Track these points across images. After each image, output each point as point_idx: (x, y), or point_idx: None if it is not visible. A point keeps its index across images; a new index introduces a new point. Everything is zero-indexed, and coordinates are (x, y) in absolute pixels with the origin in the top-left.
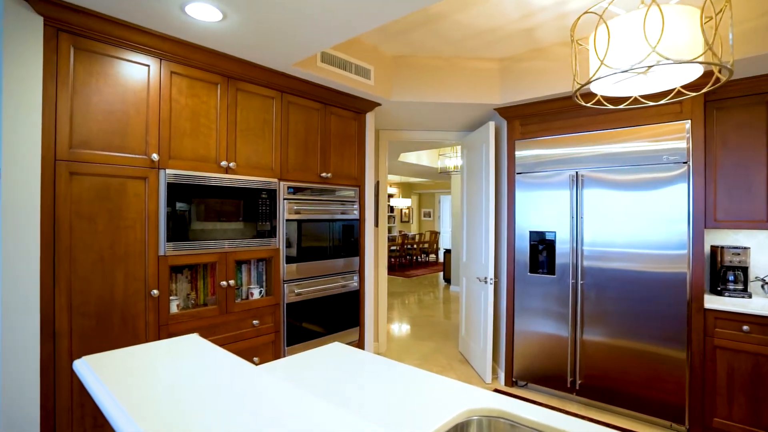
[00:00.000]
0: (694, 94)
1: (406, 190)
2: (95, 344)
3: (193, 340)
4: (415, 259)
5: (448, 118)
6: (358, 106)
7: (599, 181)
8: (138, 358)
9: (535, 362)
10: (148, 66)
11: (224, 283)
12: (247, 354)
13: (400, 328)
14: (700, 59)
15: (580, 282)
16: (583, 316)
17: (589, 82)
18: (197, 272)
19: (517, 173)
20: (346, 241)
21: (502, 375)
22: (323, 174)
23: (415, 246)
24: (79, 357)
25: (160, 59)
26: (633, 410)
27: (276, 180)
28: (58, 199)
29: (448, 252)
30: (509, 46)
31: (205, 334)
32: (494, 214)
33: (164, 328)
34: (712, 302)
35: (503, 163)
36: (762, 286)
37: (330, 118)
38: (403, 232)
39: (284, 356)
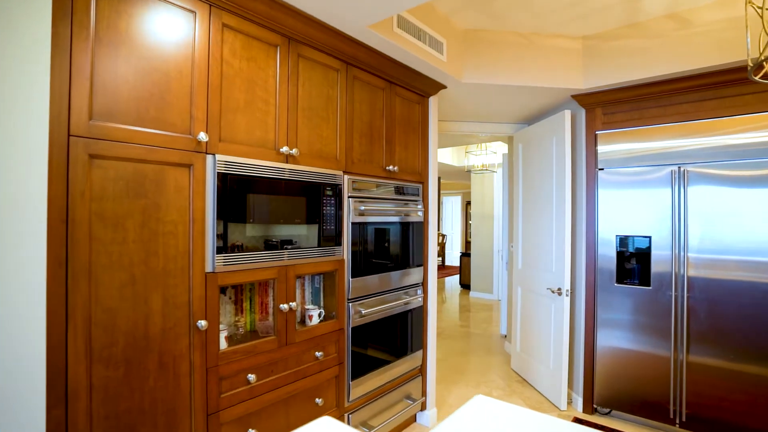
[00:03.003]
0: None
1: None
2: (124, 403)
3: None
4: None
5: (510, 107)
6: (423, 88)
7: (710, 178)
8: None
9: (621, 386)
10: (194, 13)
11: (285, 306)
12: (307, 396)
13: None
14: None
15: (685, 294)
16: (688, 335)
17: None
18: (242, 291)
19: (599, 169)
20: (410, 248)
21: (578, 400)
22: (389, 167)
23: None
24: (101, 424)
25: (210, 5)
26: None
27: (341, 173)
28: (72, 193)
29: (465, 255)
30: (599, 21)
31: (261, 375)
32: (571, 216)
33: (213, 371)
34: None
35: (580, 158)
36: None
37: (395, 100)
38: None
39: (348, 393)
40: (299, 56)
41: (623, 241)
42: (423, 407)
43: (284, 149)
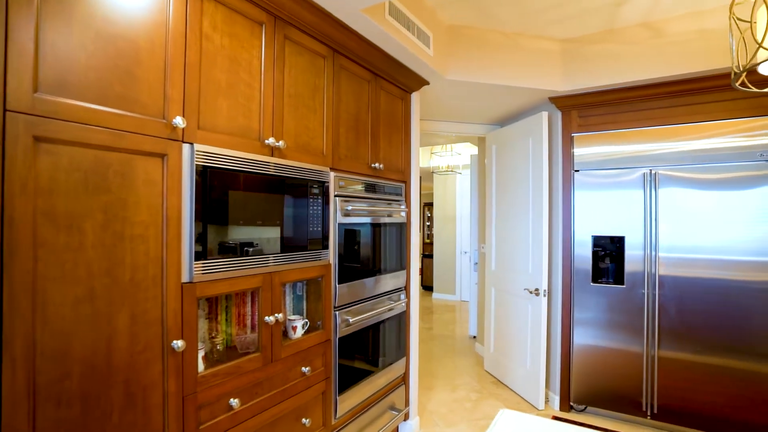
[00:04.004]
0: None
1: None
2: None
3: None
4: None
5: (487, 107)
6: (407, 83)
7: (679, 180)
8: None
9: (596, 383)
10: None
11: (270, 318)
12: (294, 417)
13: None
14: None
15: (656, 292)
16: (659, 331)
17: (748, 67)
18: (218, 302)
19: (575, 171)
20: (393, 250)
21: (555, 399)
22: (374, 164)
23: None
24: None
25: None
26: None
27: (327, 170)
28: (10, 186)
29: (427, 257)
30: (580, 25)
31: (245, 399)
32: (548, 217)
33: (190, 399)
34: None
35: (556, 160)
36: None
37: (380, 94)
38: None
39: (335, 409)
40: (285, 38)
41: (598, 241)
42: (406, 417)
43: (270, 141)
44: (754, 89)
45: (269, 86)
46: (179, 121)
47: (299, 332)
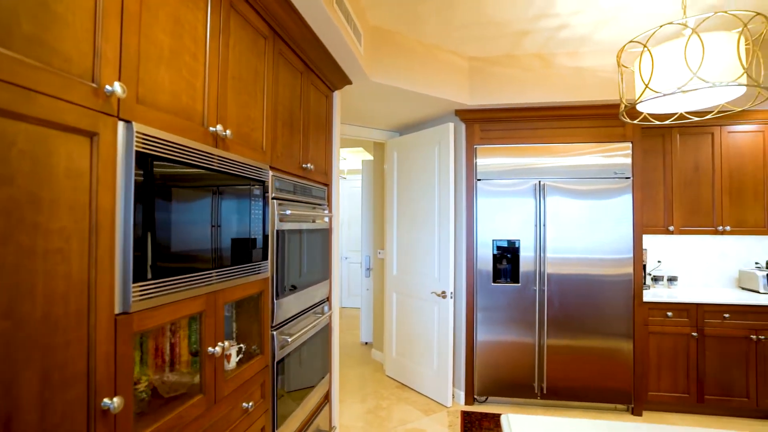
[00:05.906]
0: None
1: None
2: None
3: None
4: None
5: (396, 113)
6: (333, 80)
7: (560, 191)
8: None
9: (496, 374)
10: None
11: (216, 348)
12: None
13: None
14: (740, 81)
15: (545, 288)
16: (547, 323)
17: (636, 102)
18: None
19: (477, 180)
20: (318, 259)
21: (461, 395)
22: (305, 165)
23: None
24: None
25: None
26: (592, 402)
27: (267, 167)
28: None
29: None
30: (488, 46)
31: None
32: (454, 223)
33: None
34: (646, 296)
35: (460, 169)
36: (652, 279)
37: (310, 90)
38: None
39: None
40: (231, 7)
41: (498, 244)
42: None
43: (218, 129)
44: (628, 120)
45: (214, 61)
46: (118, 88)
47: (233, 360)
